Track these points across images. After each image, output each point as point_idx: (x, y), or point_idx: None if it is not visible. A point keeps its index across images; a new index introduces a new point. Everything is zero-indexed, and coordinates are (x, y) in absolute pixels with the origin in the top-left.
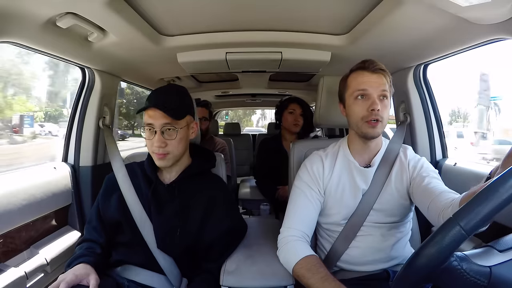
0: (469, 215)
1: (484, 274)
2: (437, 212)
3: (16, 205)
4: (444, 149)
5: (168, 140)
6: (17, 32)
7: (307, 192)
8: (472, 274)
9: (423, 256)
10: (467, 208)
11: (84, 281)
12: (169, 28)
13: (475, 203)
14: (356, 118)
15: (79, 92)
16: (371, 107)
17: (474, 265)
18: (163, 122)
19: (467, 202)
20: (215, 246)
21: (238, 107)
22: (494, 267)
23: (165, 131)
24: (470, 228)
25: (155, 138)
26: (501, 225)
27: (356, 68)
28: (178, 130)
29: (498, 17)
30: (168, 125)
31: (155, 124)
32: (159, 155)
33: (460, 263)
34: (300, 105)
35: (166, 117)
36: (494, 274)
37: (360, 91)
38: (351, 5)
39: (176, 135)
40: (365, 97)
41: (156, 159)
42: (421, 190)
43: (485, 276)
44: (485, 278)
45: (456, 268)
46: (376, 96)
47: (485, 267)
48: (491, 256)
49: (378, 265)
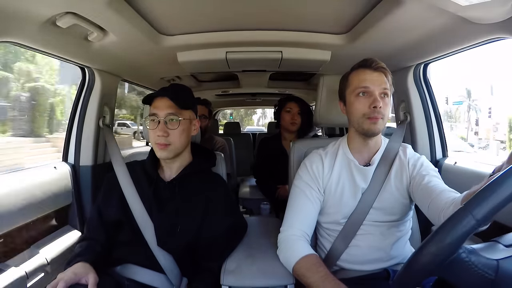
0: (481, 204)
1: (492, 267)
2: (438, 211)
3: (16, 205)
4: (444, 148)
5: (171, 130)
6: (17, 32)
7: (307, 191)
8: (480, 267)
9: (434, 243)
10: (479, 196)
11: (83, 280)
12: (169, 28)
13: (487, 192)
14: (358, 115)
15: (79, 92)
16: (373, 104)
17: (482, 258)
18: (167, 112)
19: (479, 191)
20: (215, 244)
21: (238, 106)
22: (501, 260)
23: (168, 121)
24: (482, 217)
25: (158, 127)
26: (502, 225)
27: (357, 66)
28: (181, 121)
29: (498, 16)
30: (172, 114)
31: (159, 114)
32: (160, 146)
33: (468, 255)
34: (298, 104)
35: (171, 106)
36: (501, 267)
37: (362, 88)
38: (351, 4)
39: (179, 125)
40: (367, 94)
41: (157, 150)
42: (421, 189)
43: (493, 269)
44: (493, 271)
45: (465, 260)
46: (378, 93)
47: (493, 260)
48: (497, 250)
49: (378, 264)
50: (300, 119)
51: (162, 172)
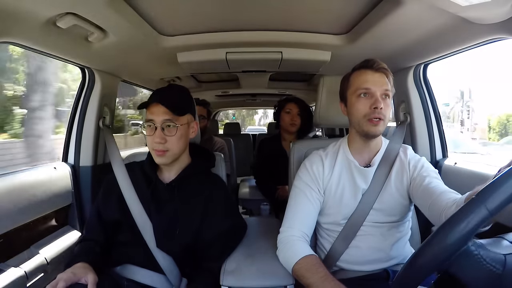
0: (493, 193)
1: (500, 261)
2: (439, 212)
3: (16, 205)
4: (444, 149)
5: (168, 137)
6: (17, 32)
7: (306, 192)
8: (488, 261)
9: (444, 234)
10: (492, 187)
11: (82, 280)
12: (169, 28)
13: (499, 182)
14: (359, 116)
15: (79, 92)
16: (374, 105)
17: (490, 252)
18: (164, 118)
19: (491, 182)
20: (214, 245)
21: (238, 107)
22: (508, 255)
23: (165, 127)
24: (495, 207)
25: (155, 134)
26: (502, 225)
27: (359, 66)
28: (178, 127)
29: (498, 17)
30: (169, 121)
31: (155, 120)
32: (158, 152)
33: (477, 248)
34: (297, 105)
35: (167, 112)
36: (508, 261)
37: (363, 90)
38: (351, 4)
39: (176, 131)
40: (368, 95)
41: (155, 156)
42: (422, 190)
43: (501, 263)
44: (501, 265)
45: (474, 253)
46: (379, 94)
47: (501, 255)
48: (503, 246)
49: (378, 264)
50: (300, 120)
51: (161, 174)
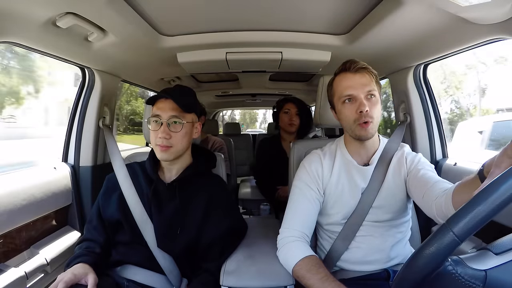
0: (461, 221)
1: (479, 277)
2: (431, 201)
3: (16, 205)
4: (444, 149)
5: (173, 133)
6: (17, 32)
7: (306, 192)
8: (467, 278)
9: (419, 258)
10: (460, 214)
11: (82, 281)
12: (169, 28)
13: (467, 209)
14: (349, 122)
15: (79, 92)
16: (359, 109)
17: (469, 269)
18: (171, 114)
19: (460, 208)
20: (215, 245)
21: (238, 107)
22: (489, 270)
23: (171, 123)
24: (463, 234)
25: (161, 129)
26: (501, 225)
27: (338, 71)
28: (184, 124)
29: (498, 17)
30: (175, 117)
31: (162, 116)
32: (162, 147)
33: (455, 267)
34: (296, 105)
35: (175, 109)
36: (489, 277)
37: (346, 96)
38: (351, 5)
39: (182, 128)
40: (352, 100)
41: (159, 152)
42: (416, 180)
43: (481, 279)
44: (481, 281)
45: (451, 272)
46: (363, 96)
47: (481, 271)
48: (487, 259)
49: (378, 265)
50: (299, 120)
51: (162, 174)
